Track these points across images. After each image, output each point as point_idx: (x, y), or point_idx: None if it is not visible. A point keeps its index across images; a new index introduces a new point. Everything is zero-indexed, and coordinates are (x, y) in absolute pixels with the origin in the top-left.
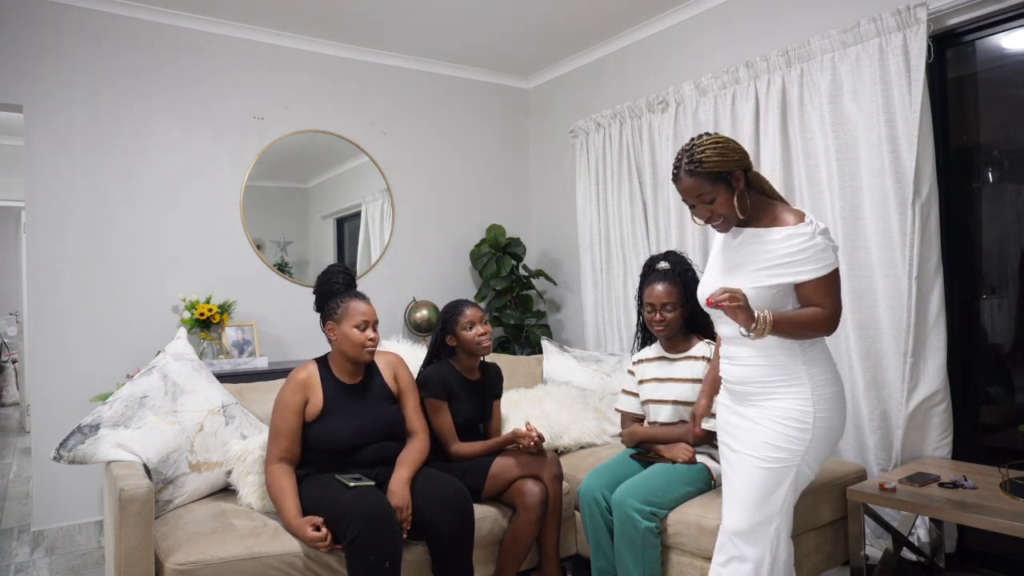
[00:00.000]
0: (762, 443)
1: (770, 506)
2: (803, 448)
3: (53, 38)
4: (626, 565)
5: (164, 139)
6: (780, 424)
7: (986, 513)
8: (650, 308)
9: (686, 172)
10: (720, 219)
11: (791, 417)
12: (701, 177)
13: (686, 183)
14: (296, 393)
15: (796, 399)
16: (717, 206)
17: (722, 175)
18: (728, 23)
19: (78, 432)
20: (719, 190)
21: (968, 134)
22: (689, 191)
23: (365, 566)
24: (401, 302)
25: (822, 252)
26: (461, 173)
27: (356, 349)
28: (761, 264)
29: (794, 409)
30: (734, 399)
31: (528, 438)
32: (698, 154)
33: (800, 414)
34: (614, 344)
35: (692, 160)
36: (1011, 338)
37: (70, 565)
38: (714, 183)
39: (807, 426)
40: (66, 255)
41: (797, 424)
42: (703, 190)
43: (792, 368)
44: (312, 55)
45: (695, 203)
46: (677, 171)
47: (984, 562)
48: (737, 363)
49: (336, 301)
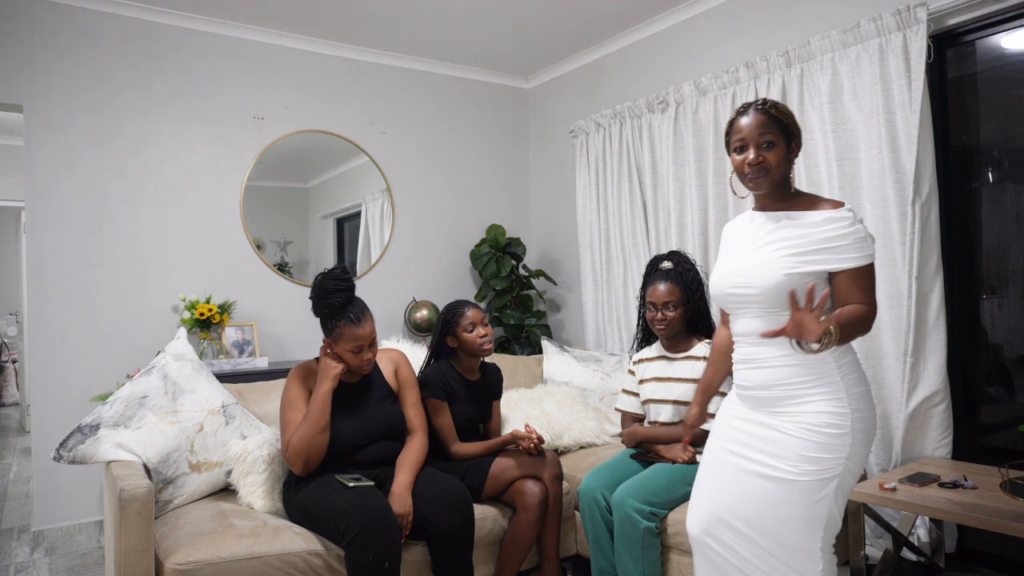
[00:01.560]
0: (798, 456)
1: (816, 522)
2: (845, 454)
3: (53, 38)
4: (626, 565)
5: (164, 139)
6: (816, 431)
7: (986, 513)
8: (652, 307)
9: (758, 109)
10: (764, 173)
11: (828, 423)
12: (772, 119)
13: (756, 118)
14: (300, 386)
15: (831, 400)
16: (772, 155)
17: (789, 130)
18: (728, 23)
19: (78, 432)
20: (780, 142)
21: (968, 134)
22: (754, 127)
23: (364, 566)
24: (401, 302)
25: (863, 240)
26: (461, 173)
27: (355, 366)
28: (796, 249)
29: (831, 412)
30: (752, 406)
31: (528, 440)
32: (773, 103)
33: (838, 417)
34: (614, 344)
35: (767, 102)
36: (1011, 338)
37: (70, 565)
38: (779, 133)
39: (845, 430)
40: (66, 255)
41: (835, 429)
42: (769, 132)
43: (823, 367)
44: (312, 55)
45: (752, 143)
46: (745, 108)
47: (984, 562)
48: (760, 365)
49: (332, 323)
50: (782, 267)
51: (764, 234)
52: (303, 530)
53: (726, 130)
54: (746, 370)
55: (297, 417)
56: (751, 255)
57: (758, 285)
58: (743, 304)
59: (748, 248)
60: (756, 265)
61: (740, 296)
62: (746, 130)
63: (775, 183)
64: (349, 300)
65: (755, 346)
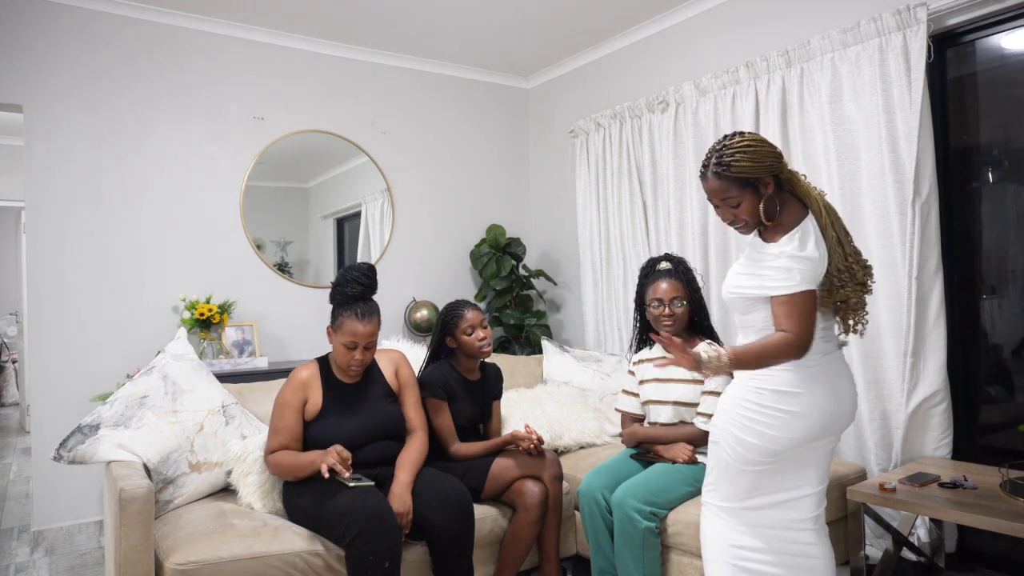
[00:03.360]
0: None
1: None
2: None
3: (53, 38)
4: (626, 565)
5: (164, 139)
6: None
7: (986, 513)
8: (658, 303)
9: (713, 173)
10: (742, 223)
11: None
12: (728, 180)
13: (712, 184)
14: (296, 393)
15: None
16: (741, 211)
17: (750, 181)
18: (728, 23)
19: (78, 432)
20: (745, 195)
21: (968, 134)
22: (715, 193)
23: (365, 566)
24: (401, 302)
25: (787, 271)
26: (461, 173)
27: (343, 363)
28: (745, 271)
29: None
30: None
31: (528, 440)
32: (727, 157)
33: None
34: (614, 344)
35: (720, 163)
36: (1011, 338)
37: (70, 565)
38: (741, 188)
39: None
40: (66, 255)
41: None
42: (729, 194)
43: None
44: (312, 55)
45: (719, 204)
46: (705, 170)
47: (984, 562)
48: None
49: (339, 311)
50: (728, 288)
51: (746, 252)
52: (303, 530)
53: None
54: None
55: (283, 426)
56: (733, 268)
57: (724, 298)
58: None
59: (744, 261)
60: (727, 279)
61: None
62: (709, 194)
63: (756, 225)
64: (363, 297)
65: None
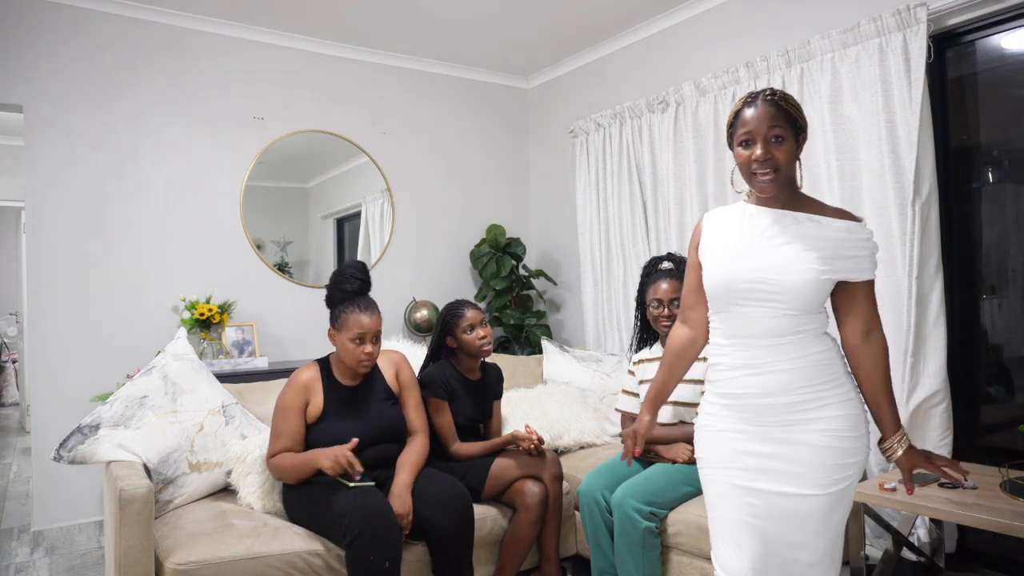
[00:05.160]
0: (827, 466)
1: (838, 532)
2: (864, 456)
3: (53, 38)
4: (626, 565)
5: (164, 139)
6: (839, 437)
7: (986, 513)
8: (657, 303)
9: (767, 100)
10: (770, 171)
11: (849, 425)
12: (782, 112)
13: (763, 111)
14: (298, 395)
15: (846, 402)
16: (781, 151)
17: (797, 124)
18: (728, 23)
19: (78, 432)
20: (789, 136)
21: (968, 134)
22: (763, 119)
23: (365, 566)
24: (401, 302)
25: (875, 255)
26: (461, 173)
27: (352, 361)
28: (824, 252)
29: (849, 415)
30: (754, 420)
31: (528, 441)
32: (782, 93)
33: (856, 419)
34: (614, 344)
35: (776, 92)
36: (1011, 338)
37: (70, 565)
38: (788, 126)
39: (861, 432)
40: (66, 255)
41: (855, 431)
42: (779, 123)
43: (831, 367)
44: (312, 55)
45: (760, 137)
46: (753, 99)
47: (984, 562)
48: (763, 371)
49: (340, 308)
50: (815, 269)
51: (777, 232)
52: (303, 530)
53: (729, 121)
54: (745, 376)
55: (286, 429)
56: (772, 252)
57: (784, 283)
58: (760, 301)
59: (758, 243)
60: (781, 263)
61: (760, 292)
62: (753, 123)
63: (783, 183)
64: (362, 292)
65: (761, 348)
